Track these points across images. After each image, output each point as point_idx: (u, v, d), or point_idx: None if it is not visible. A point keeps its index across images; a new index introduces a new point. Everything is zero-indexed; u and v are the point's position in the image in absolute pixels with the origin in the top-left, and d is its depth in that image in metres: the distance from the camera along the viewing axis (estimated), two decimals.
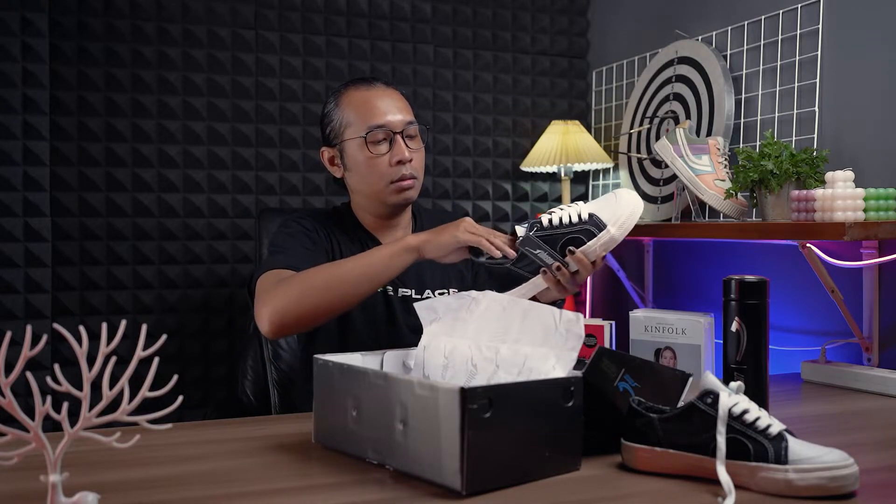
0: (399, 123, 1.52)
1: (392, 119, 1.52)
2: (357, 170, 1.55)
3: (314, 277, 1.36)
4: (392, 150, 1.51)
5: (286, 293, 1.35)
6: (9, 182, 2.13)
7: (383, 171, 1.52)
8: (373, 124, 1.51)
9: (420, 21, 2.57)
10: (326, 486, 0.96)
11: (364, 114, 1.52)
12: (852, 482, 0.90)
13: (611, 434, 1.04)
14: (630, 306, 2.45)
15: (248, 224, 2.36)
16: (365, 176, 1.54)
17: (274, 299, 1.36)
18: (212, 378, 2.34)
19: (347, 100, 1.55)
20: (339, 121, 1.55)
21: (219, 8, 2.33)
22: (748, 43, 2.10)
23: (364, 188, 1.56)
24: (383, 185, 1.52)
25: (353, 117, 1.53)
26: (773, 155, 1.71)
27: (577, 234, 1.32)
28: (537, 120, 2.70)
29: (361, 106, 1.53)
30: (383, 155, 1.51)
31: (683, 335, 1.66)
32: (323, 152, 1.61)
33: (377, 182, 1.53)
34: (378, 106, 1.52)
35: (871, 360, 1.74)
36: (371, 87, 1.56)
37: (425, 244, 1.35)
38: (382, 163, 1.51)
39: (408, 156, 1.51)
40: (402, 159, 1.51)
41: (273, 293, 1.37)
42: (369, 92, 1.55)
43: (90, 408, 0.77)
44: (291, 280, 1.37)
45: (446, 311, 1.21)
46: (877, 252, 1.73)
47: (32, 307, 2.16)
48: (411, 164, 1.52)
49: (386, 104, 1.53)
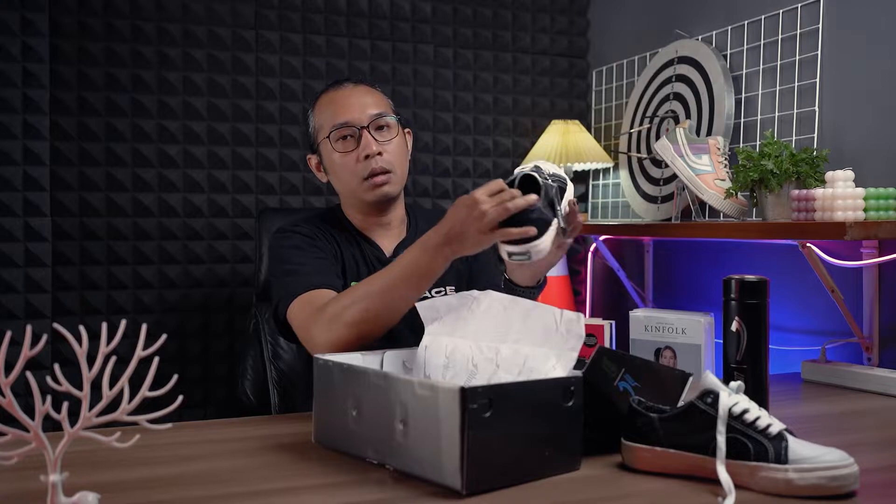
0: (363, 117, 1.50)
1: (356, 115, 1.50)
2: (333, 171, 1.54)
3: (358, 302, 1.29)
4: (359, 146, 1.50)
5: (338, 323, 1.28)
6: (9, 182, 2.13)
7: (353, 169, 1.50)
8: (336, 123, 1.50)
9: (420, 21, 2.57)
10: (326, 486, 0.96)
11: (329, 114, 1.52)
12: (852, 482, 0.90)
13: (611, 434, 1.04)
14: (630, 306, 2.45)
15: (248, 224, 2.36)
16: (339, 176, 1.53)
17: (325, 329, 1.29)
18: (212, 378, 2.34)
19: (318, 106, 1.56)
20: (314, 126, 1.57)
21: (219, 8, 2.33)
22: (748, 42, 2.10)
23: (342, 187, 1.56)
24: (356, 184, 1.51)
25: (323, 120, 1.53)
26: (773, 154, 1.71)
27: (561, 184, 1.29)
28: (537, 120, 2.70)
29: (327, 107, 1.53)
30: (351, 152, 1.50)
31: (683, 335, 1.66)
32: (310, 159, 1.61)
33: (350, 180, 1.51)
34: (341, 104, 1.52)
35: (871, 360, 1.74)
36: (339, 88, 1.55)
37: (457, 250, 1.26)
38: (350, 160, 1.50)
39: (374, 149, 1.48)
40: (367, 153, 1.48)
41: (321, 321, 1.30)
42: (336, 93, 1.54)
43: (90, 407, 0.77)
44: (336, 308, 1.30)
45: (448, 311, 1.21)
46: (877, 252, 1.73)
47: (32, 307, 2.16)
48: (382, 156, 1.49)
49: (349, 101, 1.52)
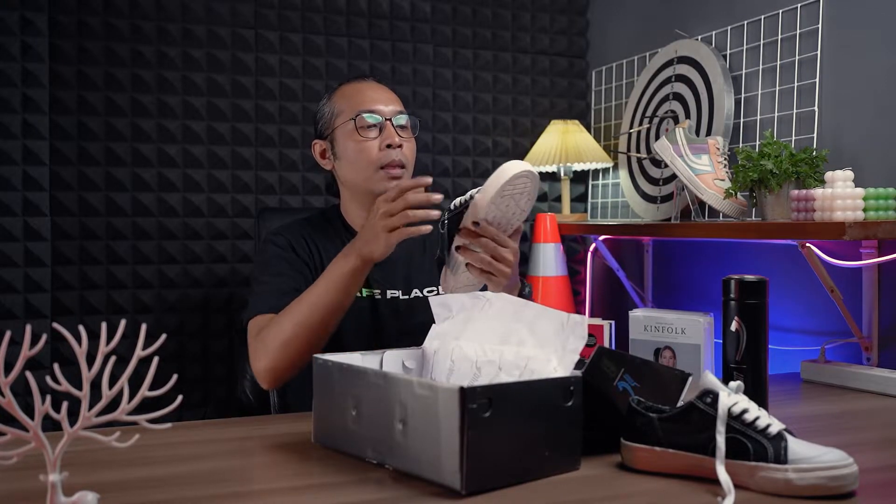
0: (389, 111, 1.54)
1: (383, 106, 1.54)
2: (346, 157, 1.55)
3: (287, 322, 1.38)
4: (382, 135, 1.52)
5: (270, 348, 1.38)
6: (9, 182, 2.13)
7: (372, 156, 1.51)
8: (363, 109, 1.53)
9: (420, 20, 2.57)
10: (326, 486, 0.96)
11: (355, 101, 1.55)
12: (852, 482, 0.90)
13: (611, 434, 1.04)
14: (630, 306, 2.45)
15: (247, 223, 2.36)
16: (354, 162, 1.53)
17: (262, 356, 1.40)
18: (212, 378, 2.34)
19: (340, 93, 1.59)
20: (331, 111, 1.58)
21: (218, 7, 2.33)
22: (748, 42, 2.10)
23: (353, 176, 1.55)
24: (372, 171, 1.52)
25: (345, 105, 1.56)
26: (772, 154, 1.71)
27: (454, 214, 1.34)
28: (537, 119, 2.70)
29: (352, 95, 1.56)
30: (373, 140, 1.52)
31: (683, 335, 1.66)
32: (315, 145, 1.62)
33: (366, 168, 1.52)
34: (369, 94, 1.56)
35: (870, 360, 1.74)
36: (363, 80, 1.61)
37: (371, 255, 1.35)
38: (372, 147, 1.52)
39: (398, 140, 1.51)
40: (391, 143, 1.51)
41: (259, 349, 1.40)
42: (361, 84, 1.59)
43: (90, 407, 0.77)
44: (268, 334, 1.39)
45: (460, 310, 1.21)
46: (876, 252, 1.73)
47: (32, 307, 2.16)
48: (401, 150, 1.52)
49: (377, 93, 1.56)
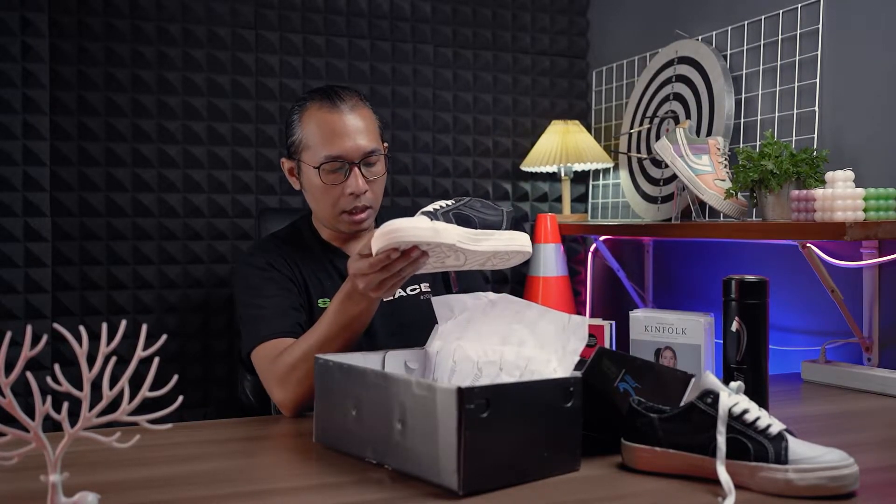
0: (357, 153, 1.47)
1: (350, 149, 1.46)
2: (311, 193, 1.53)
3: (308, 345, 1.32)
4: (347, 181, 1.47)
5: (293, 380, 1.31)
6: (9, 182, 2.13)
7: (336, 201, 1.49)
8: (330, 154, 1.46)
9: (420, 21, 2.57)
10: (326, 487, 0.96)
11: (322, 140, 1.47)
12: (852, 482, 0.90)
13: (611, 434, 1.04)
14: (630, 306, 2.45)
15: (248, 224, 2.36)
16: (318, 201, 1.52)
17: (286, 387, 1.32)
18: (212, 378, 2.34)
19: (309, 117, 1.50)
20: (299, 138, 1.51)
21: (219, 8, 2.33)
22: (748, 43, 2.10)
23: (317, 210, 1.56)
24: (336, 214, 1.51)
25: (312, 140, 1.48)
26: (773, 155, 1.71)
27: None
28: (537, 120, 2.70)
29: (321, 130, 1.48)
30: (337, 185, 1.48)
31: (683, 335, 1.66)
32: (283, 162, 1.59)
33: (329, 209, 1.51)
34: (337, 133, 1.47)
35: (871, 360, 1.74)
36: (334, 109, 1.48)
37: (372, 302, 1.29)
38: (336, 192, 1.48)
39: (362, 188, 1.47)
40: (354, 192, 1.47)
41: (280, 379, 1.33)
42: (331, 115, 1.48)
43: (90, 408, 0.77)
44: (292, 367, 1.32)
45: (462, 311, 1.21)
46: (877, 252, 1.73)
47: (32, 307, 2.16)
48: (366, 195, 1.49)
49: (346, 131, 1.47)
